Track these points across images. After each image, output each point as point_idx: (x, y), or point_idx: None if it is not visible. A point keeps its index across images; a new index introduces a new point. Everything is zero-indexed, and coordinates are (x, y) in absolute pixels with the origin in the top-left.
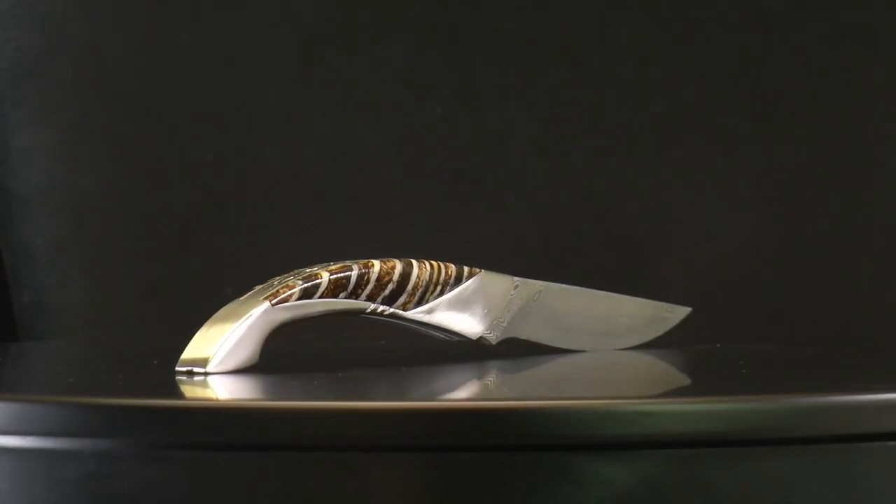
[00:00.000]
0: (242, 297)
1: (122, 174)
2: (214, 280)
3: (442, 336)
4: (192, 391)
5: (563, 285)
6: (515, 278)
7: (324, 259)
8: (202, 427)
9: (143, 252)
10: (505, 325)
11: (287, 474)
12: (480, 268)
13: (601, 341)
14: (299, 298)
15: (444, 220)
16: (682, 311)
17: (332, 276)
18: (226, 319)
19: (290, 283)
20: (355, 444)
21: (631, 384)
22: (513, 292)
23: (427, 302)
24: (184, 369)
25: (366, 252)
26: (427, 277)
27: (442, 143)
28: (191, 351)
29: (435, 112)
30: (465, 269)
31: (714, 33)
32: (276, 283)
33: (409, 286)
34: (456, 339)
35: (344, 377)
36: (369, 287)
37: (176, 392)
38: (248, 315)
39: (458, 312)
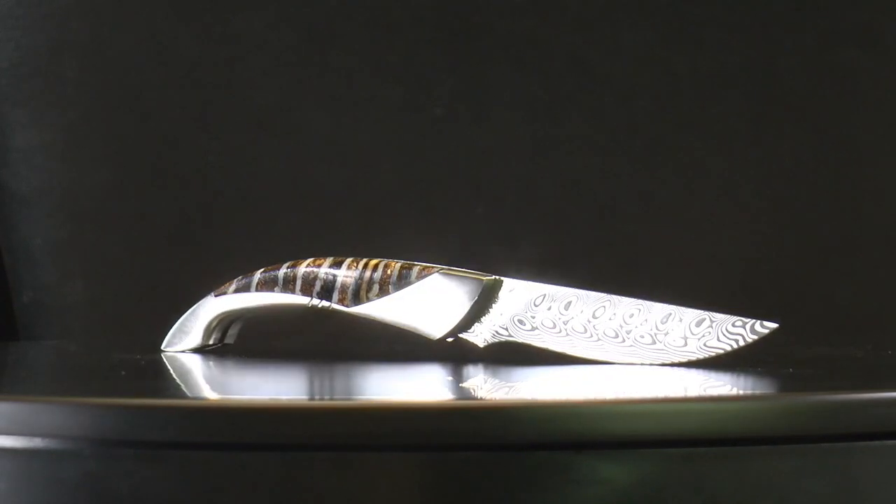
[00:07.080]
0: None
1: (122, 174)
2: (214, 280)
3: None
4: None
5: (607, 295)
6: (522, 282)
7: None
8: (202, 427)
9: (143, 252)
10: (497, 328)
11: (287, 474)
12: (480, 268)
13: (655, 354)
14: (237, 291)
15: (444, 220)
16: (767, 326)
17: (261, 273)
18: None
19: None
20: (355, 443)
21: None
22: (523, 297)
23: (367, 300)
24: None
25: (365, 251)
26: (356, 276)
27: (442, 143)
28: None
29: (435, 112)
30: (417, 268)
31: (714, 33)
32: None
33: (338, 283)
34: (437, 338)
35: (345, 377)
36: (298, 283)
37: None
38: (195, 305)
39: (409, 311)
